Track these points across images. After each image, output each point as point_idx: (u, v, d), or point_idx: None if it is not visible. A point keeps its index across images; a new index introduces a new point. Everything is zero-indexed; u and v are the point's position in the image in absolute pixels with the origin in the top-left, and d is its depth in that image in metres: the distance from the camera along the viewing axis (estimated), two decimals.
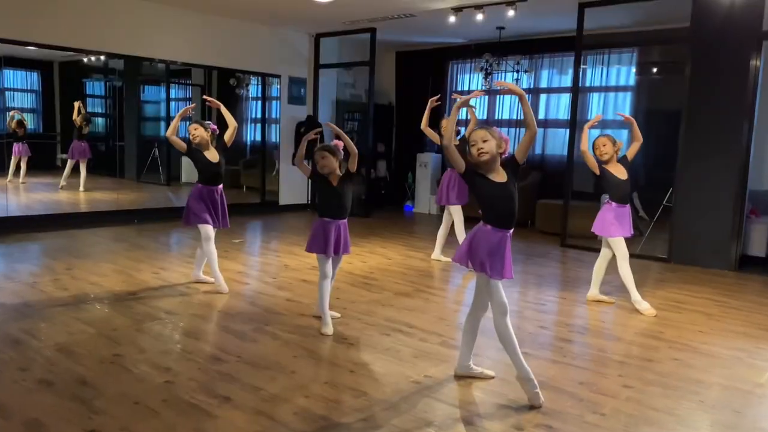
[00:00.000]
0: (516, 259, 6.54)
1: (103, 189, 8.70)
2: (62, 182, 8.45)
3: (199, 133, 4.57)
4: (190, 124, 4.65)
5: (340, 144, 3.85)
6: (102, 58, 8.23)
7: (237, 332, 3.75)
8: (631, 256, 4.68)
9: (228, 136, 4.68)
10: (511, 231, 2.94)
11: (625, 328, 4.16)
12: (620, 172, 4.50)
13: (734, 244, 6.19)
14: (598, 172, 4.48)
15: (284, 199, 9.68)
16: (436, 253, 6.24)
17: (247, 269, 5.53)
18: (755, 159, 6.51)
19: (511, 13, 7.13)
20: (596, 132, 5.68)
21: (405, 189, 10.61)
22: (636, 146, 4.54)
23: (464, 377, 3.14)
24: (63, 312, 4.01)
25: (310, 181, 9.82)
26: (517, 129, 9.56)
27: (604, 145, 4.44)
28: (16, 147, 8.06)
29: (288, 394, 2.86)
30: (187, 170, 9.80)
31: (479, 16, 7.34)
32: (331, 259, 3.88)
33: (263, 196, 9.68)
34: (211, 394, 2.84)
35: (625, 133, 8.49)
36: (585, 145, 4.46)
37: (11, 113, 8.03)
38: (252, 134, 10.39)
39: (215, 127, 4.72)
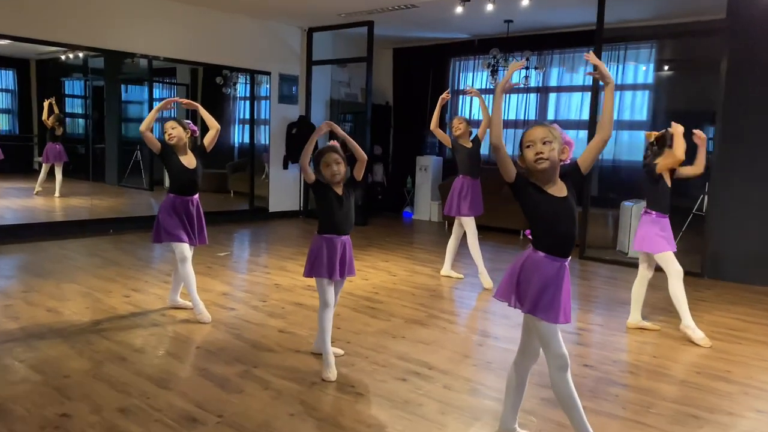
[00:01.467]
0: None
1: (81, 194, 8.02)
2: (37, 187, 7.77)
3: (177, 132, 3.87)
4: (166, 122, 3.96)
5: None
6: (81, 55, 7.59)
7: (218, 378, 3.05)
8: (657, 270, 4.05)
9: (209, 140, 4.00)
10: (569, 260, 2.29)
11: (682, 365, 3.51)
12: (669, 180, 3.88)
13: None
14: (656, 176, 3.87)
15: (275, 206, 8.98)
16: (446, 269, 5.57)
17: (232, 290, 4.83)
18: None
19: (525, 2, 6.48)
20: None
21: (404, 194, 9.94)
22: (694, 171, 3.90)
23: None
24: (7, 351, 3.30)
25: (303, 185, 9.27)
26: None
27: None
28: None
29: None
30: None
31: (489, 6, 6.69)
32: (333, 283, 3.22)
33: (252, 202, 8.99)
34: None
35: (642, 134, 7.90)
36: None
37: None
38: (240, 136, 9.73)
39: (195, 128, 4.04)
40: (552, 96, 8.65)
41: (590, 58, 2.29)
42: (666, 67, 7.92)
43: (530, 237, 2.31)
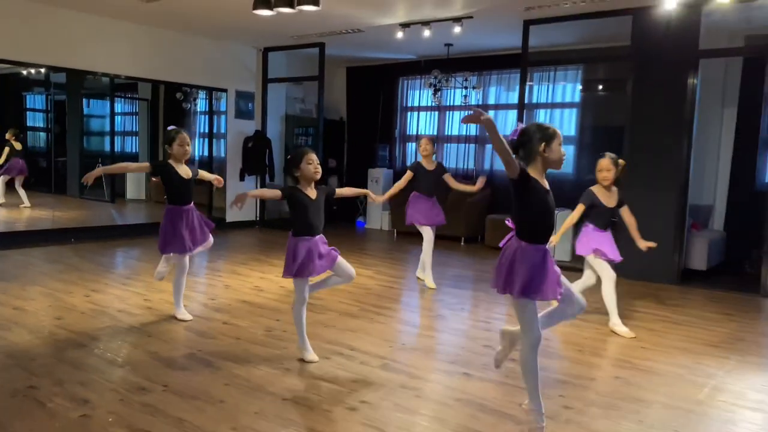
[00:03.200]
0: (468, 276, 6.50)
1: (43, 206, 8.34)
2: (1, 199, 8.06)
3: (190, 149, 4.37)
4: (180, 134, 4.27)
5: None
6: (42, 71, 7.94)
7: (167, 359, 3.55)
8: (579, 270, 4.69)
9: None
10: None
11: (567, 345, 4.12)
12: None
13: (676, 258, 6.29)
14: None
15: (231, 216, 9.45)
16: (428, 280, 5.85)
17: (186, 290, 5.27)
18: (695, 174, 6.65)
19: (457, 29, 7.15)
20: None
21: (357, 205, 10.51)
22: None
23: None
24: None
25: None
26: (467, 145, 9.59)
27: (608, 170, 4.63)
28: None
29: (213, 426, 2.69)
30: (132, 187, 9.50)
31: (426, 32, 7.34)
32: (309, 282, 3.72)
33: (210, 212, 9.43)
34: (130, 429, 2.64)
35: (571, 148, 8.61)
36: None
37: None
38: (200, 149, 10.17)
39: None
40: (490, 113, 9.33)
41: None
42: (599, 87, 8.67)
43: (512, 225, 2.72)
